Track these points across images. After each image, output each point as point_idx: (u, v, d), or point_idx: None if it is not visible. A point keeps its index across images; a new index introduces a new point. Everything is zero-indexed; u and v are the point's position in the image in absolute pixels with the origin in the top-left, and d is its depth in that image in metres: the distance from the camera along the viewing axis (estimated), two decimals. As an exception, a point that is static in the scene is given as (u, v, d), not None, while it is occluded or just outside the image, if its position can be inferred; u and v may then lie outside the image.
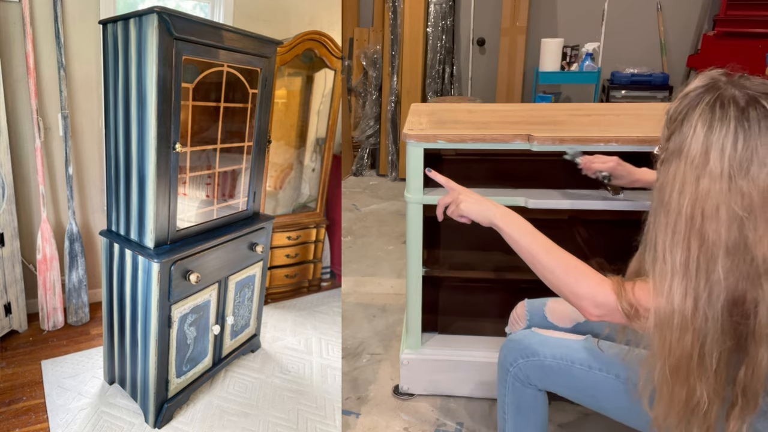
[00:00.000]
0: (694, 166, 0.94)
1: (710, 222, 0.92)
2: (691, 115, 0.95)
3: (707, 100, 0.95)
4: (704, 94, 0.96)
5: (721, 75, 0.99)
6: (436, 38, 4.36)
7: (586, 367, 1.25)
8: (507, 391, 1.38)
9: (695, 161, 0.93)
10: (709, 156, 0.92)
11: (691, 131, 0.94)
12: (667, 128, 1.00)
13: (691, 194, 0.93)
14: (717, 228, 0.92)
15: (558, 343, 1.31)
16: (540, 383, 1.33)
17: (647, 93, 4.18)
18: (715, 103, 0.94)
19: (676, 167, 0.96)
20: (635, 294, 1.02)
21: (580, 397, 1.30)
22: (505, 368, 1.37)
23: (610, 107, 2.17)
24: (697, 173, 0.93)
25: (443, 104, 2.24)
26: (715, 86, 0.96)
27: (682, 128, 0.96)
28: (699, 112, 0.95)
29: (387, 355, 2.25)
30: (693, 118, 0.95)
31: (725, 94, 0.94)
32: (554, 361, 1.28)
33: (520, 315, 1.55)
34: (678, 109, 0.98)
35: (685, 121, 0.96)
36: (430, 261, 2.00)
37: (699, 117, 0.94)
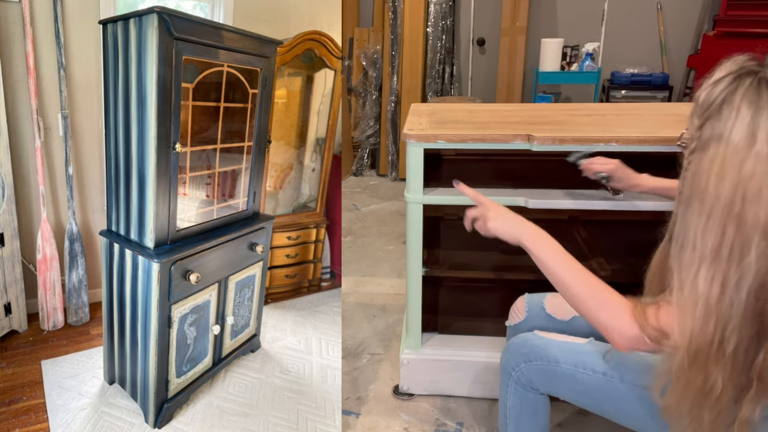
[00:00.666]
0: (739, 149, 0.91)
1: (751, 205, 0.90)
2: (732, 98, 0.93)
3: (749, 83, 0.93)
4: (743, 77, 0.94)
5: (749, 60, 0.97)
6: (436, 38, 4.36)
7: (590, 371, 1.24)
8: (509, 396, 1.36)
9: (739, 144, 0.91)
10: (756, 137, 0.90)
11: (734, 114, 0.92)
12: (699, 116, 0.97)
13: (733, 178, 0.91)
14: (757, 211, 0.90)
15: (561, 347, 1.29)
16: (543, 387, 1.31)
17: (647, 93, 4.18)
18: (759, 84, 0.93)
19: (715, 152, 0.93)
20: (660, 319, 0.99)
21: (583, 401, 1.28)
22: (507, 372, 1.35)
23: (610, 107, 2.17)
24: (741, 156, 0.91)
25: (443, 104, 2.24)
26: (751, 70, 0.94)
27: (721, 113, 0.94)
28: (742, 94, 0.93)
29: (387, 355, 2.25)
30: (735, 100, 0.93)
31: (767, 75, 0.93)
32: (557, 365, 1.27)
33: (520, 308, 1.55)
34: (713, 95, 0.96)
35: (725, 105, 0.94)
36: (430, 261, 2.00)
37: (743, 99, 0.92)
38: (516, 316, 1.56)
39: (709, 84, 0.97)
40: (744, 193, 0.91)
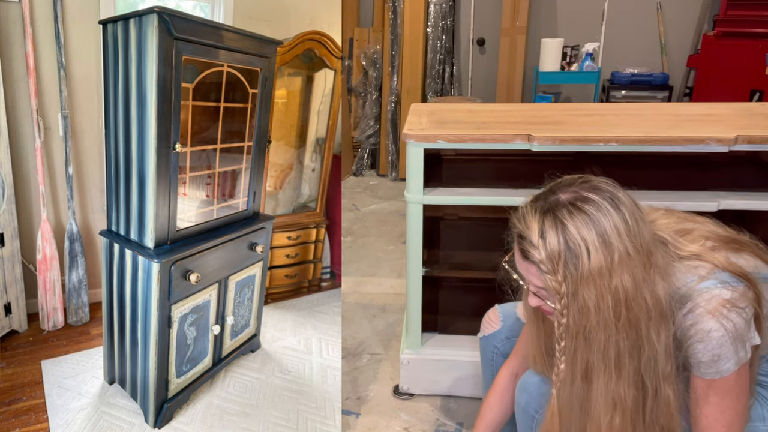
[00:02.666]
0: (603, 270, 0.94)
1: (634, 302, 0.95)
2: (567, 231, 0.95)
3: (565, 212, 0.96)
4: (555, 211, 0.96)
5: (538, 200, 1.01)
6: (436, 38, 4.36)
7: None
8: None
9: (602, 263, 0.94)
10: (610, 243, 0.94)
11: (581, 244, 0.94)
12: (552, 271, 0.97)
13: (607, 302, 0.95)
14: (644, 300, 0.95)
15: None
16: None
17: (647, 93, 4.18)
18: (573, 207, 0.96)
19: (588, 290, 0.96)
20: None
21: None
22: (529, 415, 1.26)
23: (610, 107, 2.17)
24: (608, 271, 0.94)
25: (443, 104, 2.24)
26: (552, 203, 0.98)
27: (570, 251, 0.95)
28: (572, 223, 0.95)
29: (387, 355, 2.25)
30: (570, 231, 0.95)
31: (565, 197, 0.98)
32: None
33: (494, 318, 1.52)
34: (552, 245, 0.96)
35: (569, 242, 0.95)
36: (430, 261, 2.00)
37: (575, 225, 0.95)
38: (490, 326, 1.53)
39: (536, 244, 0.98)
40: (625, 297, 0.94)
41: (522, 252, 1.02)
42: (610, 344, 0.97)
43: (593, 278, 0.94)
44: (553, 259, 0.96)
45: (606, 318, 0.95)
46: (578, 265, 0.95)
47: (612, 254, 0.94)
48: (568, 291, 0.97)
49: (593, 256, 0.94)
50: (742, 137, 1.55)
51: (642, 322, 0.96)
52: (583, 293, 0.96)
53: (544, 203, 0.99)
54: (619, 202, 0.97)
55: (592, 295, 0.95)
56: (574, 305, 0.97)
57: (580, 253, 0.94)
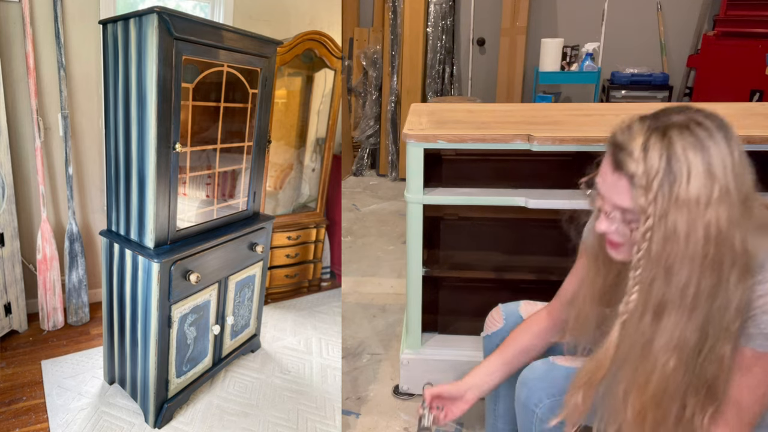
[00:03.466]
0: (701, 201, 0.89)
1: (725, 244, 0.90)
2: (673, 152, 0.90)
3: (675, 132, 0.90)
4: (667, 131, 0.91)
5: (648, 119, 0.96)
6: (436, 38, 4.36)
7: None
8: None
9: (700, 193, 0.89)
10: (715, 174, 0.89)
11: (685, 167, 0.89)
12: (646, 188, 0.91)
13: (699, 232, 0.89)
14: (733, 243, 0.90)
15: None
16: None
17: (647, 93, 4.18)
18: (688, 128, 0.90)
19: (679, 214, 0.90)
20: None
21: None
22: (529, 409, 1.26)
23: (610, 107, 2.17)
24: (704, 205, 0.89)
25: (443, 104, 2.24)
26: (662, 124, 0.92)
27: (672, 172, 0.90)
28: (680, 144, 0.89)
29: (387, 355, 2.25)
30: (678, 152, 0.89)
31: (679, 120, 0.92)
32: None
33: (497, 318, 1.51)
34: (652, 162, 0.91)
35: (673, 162, 0.90)
36: (430, 261, 2.00)
37: (684, 148, 0.89)
38: (493, 324, 1.52)
39: (636, 156, 0.93)
40: (717, 235, 0.89)
41: (616, 162, 0.96)
42: (692, 281, 0.91)
43: (688, 205, 0.89)
44: (650, 174, 0.90)
45: (693, 252, 0.90)
46: (675, 187, 0.89)
47: (713, 186, 0.88)
48: (656, 212, 0.91)
49: (693, 182, 0.88)
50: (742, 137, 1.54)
51: (725, 267, 0.91)
52: (673, 218, 0.90)
53: (655, 121, 0.94)
54: (731, 136, 0.91)
55: (682, 223, 0.89)
56: (660, 230, 0.91)
57: (680, 175, 0.89)
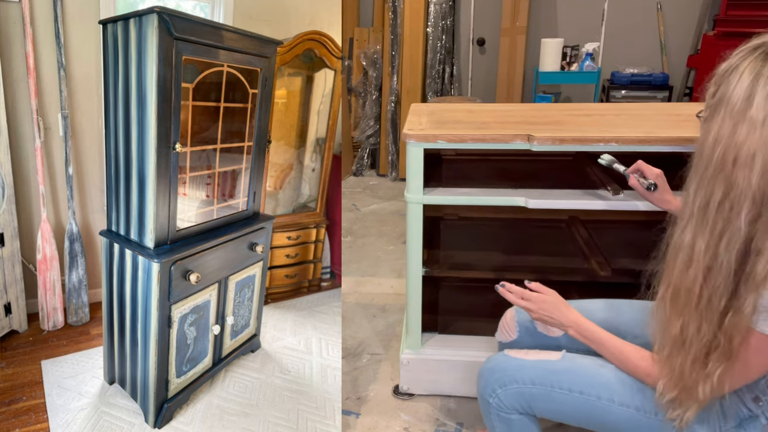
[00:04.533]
0: (735, 113, 0.94)
1: (742, 169, 0.94)
2: (740, 65, 0.96)
3: (758, 53, 0.96)
4: (756, 49, 0.97)
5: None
6: (436, 38, 4.36)
7: (566, 390, 1.23)
8: (494, 422, 1.33)
9: (736, 107, 0.94)
10: (752, 102, 0.93)
11: (737, 79, 0.95)
12: (713, 85, 1.01)
13: (726, 140, 0.95)
14: (748, 176, 0.93)
15: (534, 366, 1.28)
16: (522, 410, 1.29)
17: (647, 93, 4.18)
18: (766, 54, 0.95)
19: (715, 117, 0.97)
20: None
21: (564, 419, 1.28)
22: (485, 400, 1.32)
23: (610, 107, 2.17)
24: (736, 120, 0.94)
25: (443, 104, 2.24)
26: (765, 43, 0.97)
27: (728, 79, 0.97)
28: (748, 62, 0.95)
29: (387, 355, 2.25)
30: (741, 67, 0.96)
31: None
32: (533, 387, 1.26)
33: (510, 326, 1.52)
34: (726, 65, 0.99)
35: (733, 73, 0.97)
36: (430, 261, 2.00)
37: (747, 66, 0.95)
38: (506, 334, 1.53)
39: (729, 56, 1.00)
40: (735, 157, 0.94)
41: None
42: (700, 190, 1.00)
43: (723, 108, 0.96)
44: (720, 72, 0.99)
45: (716, 162, 0.96)
46: (724, 91, 0.97)
47: (747, 108, 0.93)
48: (707, 112, 1.00)
49: (735, 94, 0.95)
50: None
51: (744, 199, 0.94)
52: (714, 116, 0.97)
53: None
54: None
55: (716, 123, 0.96)
56: (705, 128, 0.99)
57: (731, 82, 0.96)
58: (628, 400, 1.18)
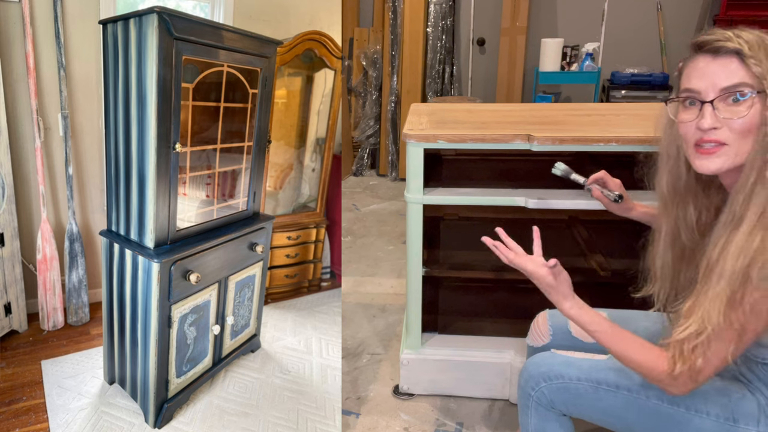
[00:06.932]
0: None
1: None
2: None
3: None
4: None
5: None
6: (436, 38, 4.36)
7: (614, 387, 1.20)
8: (530, 417, 1.30)
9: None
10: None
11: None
12: (758, 58, 0.97)
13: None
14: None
15: (582, 364, 1.25)
16: (564, 408, 1.27)
17: (647, 93, 4.18)
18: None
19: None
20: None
21: (608, 419, 1.24)
22: (526, 393, 1.29)
23: (610, 107, 2.17)
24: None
25: (443, 104, 2.24)
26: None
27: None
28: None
29: (387, 355, 2.25)
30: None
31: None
32: (579, 383, 1.23)
33: (543, 330, 1.50)
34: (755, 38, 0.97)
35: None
36: (430, 261, 2.00)
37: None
38: (539, 338, 1.50)
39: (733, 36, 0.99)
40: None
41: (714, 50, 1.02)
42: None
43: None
44: (760, 45, 0.96)
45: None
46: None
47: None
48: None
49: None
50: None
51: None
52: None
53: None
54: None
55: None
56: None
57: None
58: (679, 400, 1.14)
